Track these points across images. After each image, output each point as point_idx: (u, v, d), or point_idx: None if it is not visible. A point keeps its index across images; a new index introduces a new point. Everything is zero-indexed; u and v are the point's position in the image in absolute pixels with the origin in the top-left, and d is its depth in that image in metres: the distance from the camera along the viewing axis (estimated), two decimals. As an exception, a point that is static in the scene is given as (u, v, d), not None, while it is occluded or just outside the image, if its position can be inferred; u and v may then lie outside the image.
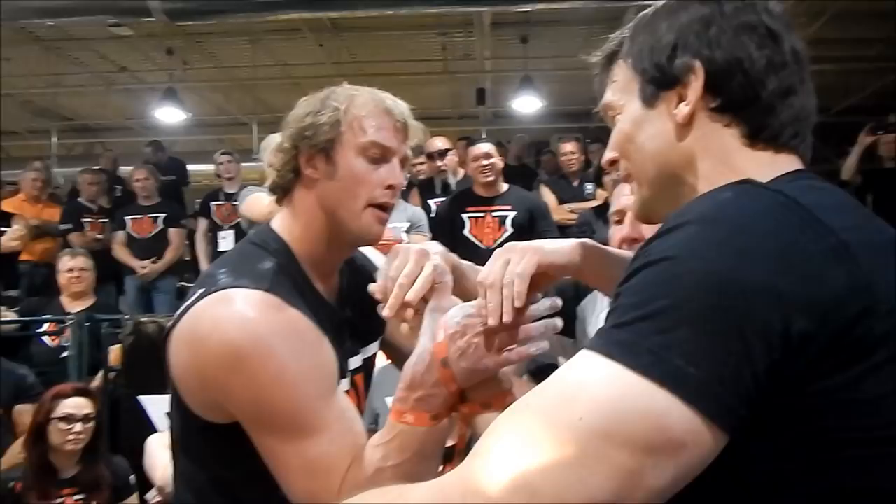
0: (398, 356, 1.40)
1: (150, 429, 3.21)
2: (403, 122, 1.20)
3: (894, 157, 5.45)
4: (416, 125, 1.22)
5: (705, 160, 0.78)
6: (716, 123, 0.77)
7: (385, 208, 1.19)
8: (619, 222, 1.62)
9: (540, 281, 1.00)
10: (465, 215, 4.00)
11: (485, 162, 3.93)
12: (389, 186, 1.18)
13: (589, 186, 5.14)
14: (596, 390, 0.60)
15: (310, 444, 1.03)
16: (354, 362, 1.27)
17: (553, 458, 0.59)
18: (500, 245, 3.61)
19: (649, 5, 0.86)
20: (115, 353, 3.80)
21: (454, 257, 1.17)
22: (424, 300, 1.07)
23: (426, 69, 8.28)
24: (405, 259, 1.12)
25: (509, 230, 3.94)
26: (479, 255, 4.08)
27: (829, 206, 0.67)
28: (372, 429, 3.04)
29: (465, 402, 1.01)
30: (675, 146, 0.79)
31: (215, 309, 1.06)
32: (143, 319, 3.86)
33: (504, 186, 4.07)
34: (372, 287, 1.09)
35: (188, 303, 1.10)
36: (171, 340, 1.12)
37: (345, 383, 1.19)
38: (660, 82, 0.80)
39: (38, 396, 3.40)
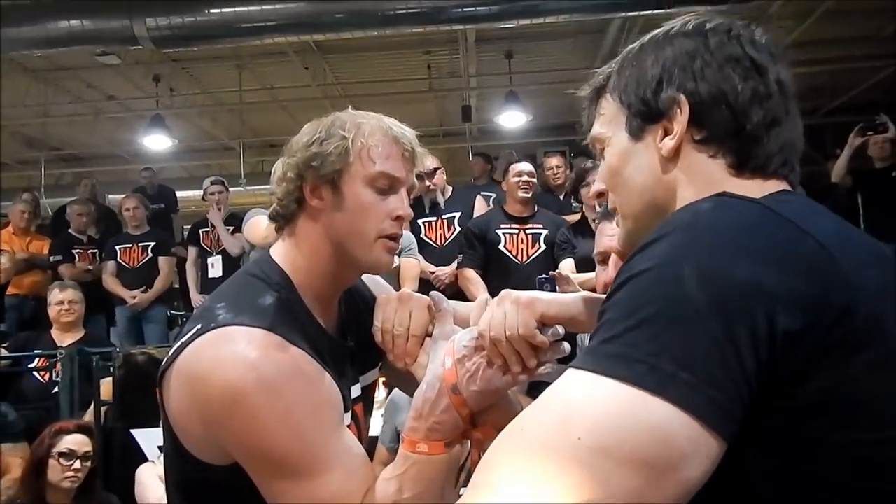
0: (401, 381, 1.38)
1: (143, 462, 3.18)
2: (411, 151, 1.17)
3: (884, 158, 5.44)
4: (422, 152, 1.20)
5: (690, 189, 0.78)
6: (701, 154, 0.78)
7: (394, 238, 1.16)
8: (603, 263, 1.57)
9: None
10: (499, 231, 4.15)
11: (528, 178, 4.14)
12: (398, 217, 1.15)
13: (574, 201, 5.14)
14: (592, 408, 0.58)
15: (319, 483, 1.01)
16: (354, 391, 1.24)
17: (556, 484, 0.56)
18: (534, 261, 3.64)
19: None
20: (106, 386, 3.78)
21: (433, 295, 1.19)
22: (427, 336, 1.11)
23: (412, 88, 8.30)
24: (394, 307, 1.17)
25: (542, 247, 4.11)
26: (514, 269, 4.19)
27: (808, 215, 0.68)
28: (392, 447, 3.03)
29: (477, 427, 1.02)
30: (661, 179, 0.80)
31: (216, 348, 1.02)
32: (133, 351, 3.84)
33: (535, 208, 4.24)
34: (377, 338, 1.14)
35: (185, 339, 1.06)
36: (168, 378, 1.08)
37: (346, 417, 1.16)
38: (646, 116, 0.81)
39: (20, 434, 3.42)
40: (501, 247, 4.12)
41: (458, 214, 4.55)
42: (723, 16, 0.83)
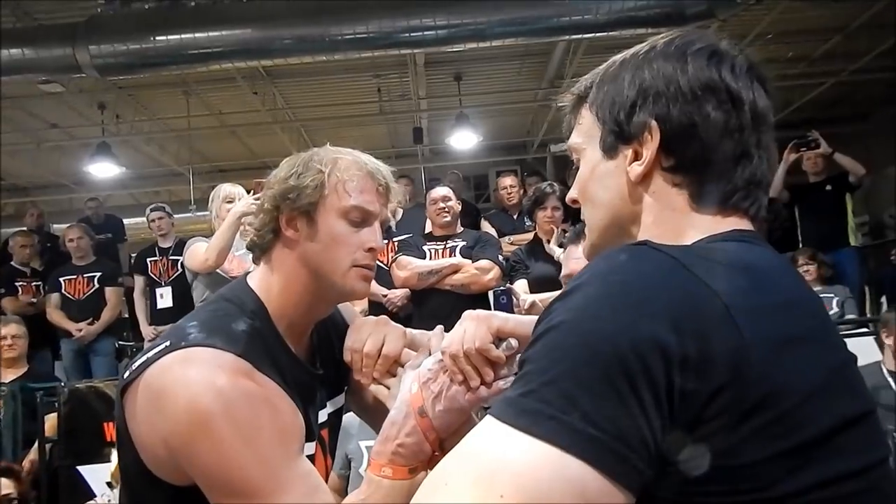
0: (361, 408, 1.41)
1: (90, 500, 3.09)
2: (386, 186, 1.22)
3: (817, 172, 5.71)
4: (396, 189, 1.24)
5: (650, 216, 0.80)
6: (666, 183, 0.79)
7: (367, 269, 1.20)
8: None
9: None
10: (424, 247, 4.18)
11: (442, 204, 4.15)
12: (370, 249, 1.19)
13: (529, 220, 5.18)
14: (512, 466, 0.60)
15: None
16: (321, 416, 1.27)
17: None
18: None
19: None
20: (51, 422, 3.67)
21: (408, 330, 1.23)
22: (398, 362, 1.15)
23: (362, 111, 8.31)
24: (367, 331, 1.20)
25: (456, 257, 4.12)
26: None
27: (725, 270, 0.68)
28: (343, 474, 2.99)
29: (445, 453, 1.02)
30: (627, 200, 0.81)
31: (185, 367, 1.03)
32: (79, 385, 3.74)
33: (459, 228, 4.28)
34: (346, 357, 1.17)
35: (150, 354, 1.07)
36: (131, 393, 1.08)
37: (310, 446, 1.18)
38: (618, 136, 0.81)
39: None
40: None
41: (408, 237, 4.56)
42: (706, 35, 0.83)
